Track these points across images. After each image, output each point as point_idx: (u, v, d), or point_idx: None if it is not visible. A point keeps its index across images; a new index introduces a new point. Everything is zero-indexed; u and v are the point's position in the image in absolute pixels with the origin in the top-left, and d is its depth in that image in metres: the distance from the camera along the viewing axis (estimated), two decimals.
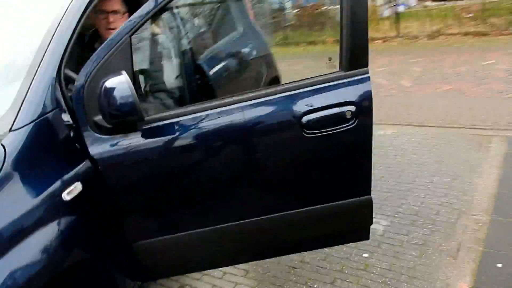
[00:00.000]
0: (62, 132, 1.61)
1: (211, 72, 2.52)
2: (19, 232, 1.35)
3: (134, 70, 1.71)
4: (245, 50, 2.96)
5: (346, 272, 2.39)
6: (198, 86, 2.44)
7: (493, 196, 2.97)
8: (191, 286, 2.41)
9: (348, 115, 1.71)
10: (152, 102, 2.01)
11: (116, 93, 1.50)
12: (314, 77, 1.76)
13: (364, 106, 1.73)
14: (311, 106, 1.73)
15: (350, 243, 2.50)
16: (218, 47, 2.88)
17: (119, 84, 1.50)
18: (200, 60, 2.55)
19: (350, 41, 1.69)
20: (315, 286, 2.31)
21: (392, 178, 3.41)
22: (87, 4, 1.74)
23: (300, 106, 1.73)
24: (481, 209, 2.84)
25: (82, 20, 1.73)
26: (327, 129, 1.74)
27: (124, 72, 1.53)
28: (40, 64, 1.62)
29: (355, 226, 1.96)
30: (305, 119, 1.72)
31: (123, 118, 1.54)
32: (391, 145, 4.08)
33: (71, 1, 1.75)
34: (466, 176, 3.30)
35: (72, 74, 1.77)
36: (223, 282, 2.42)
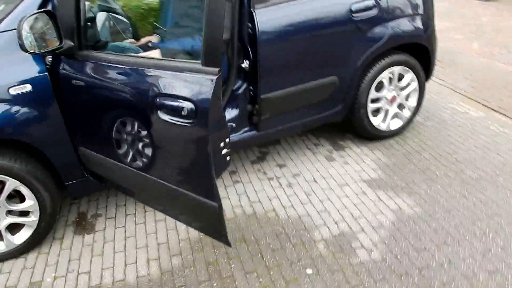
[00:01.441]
0: None
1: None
2: None
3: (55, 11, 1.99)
4: None
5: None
6: None
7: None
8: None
9: (184, 112, 1.59)
10: None
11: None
12: (176, 60, 1.72)
13: (201, 107, 1.57)
14: (164, 89, 1.69)
15: None
16: None
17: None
18: None
19: (206, 33, 1.53)
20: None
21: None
22: None
23: (157, 86, 1.72)
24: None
25: None
26: (173, 118, 1.68)
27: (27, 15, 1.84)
28: None
29: (209, 224, 1.87)
30: (158, 100, 1.70)
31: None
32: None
33: None
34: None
35: None
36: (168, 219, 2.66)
